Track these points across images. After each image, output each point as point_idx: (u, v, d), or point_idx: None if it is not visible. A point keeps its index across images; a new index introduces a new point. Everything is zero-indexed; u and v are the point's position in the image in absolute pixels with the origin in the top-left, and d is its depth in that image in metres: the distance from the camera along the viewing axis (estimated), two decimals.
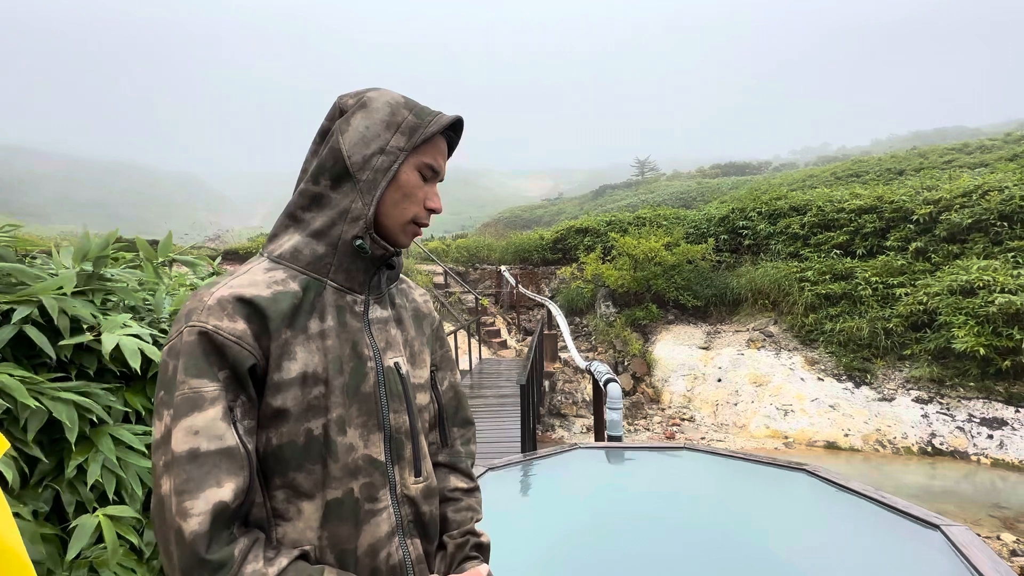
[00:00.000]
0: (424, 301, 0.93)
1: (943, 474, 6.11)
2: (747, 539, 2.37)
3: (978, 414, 6.62)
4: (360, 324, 0.77)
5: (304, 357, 0.69)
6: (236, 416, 0.65)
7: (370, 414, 0.74)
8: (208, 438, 0.61)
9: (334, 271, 0.75)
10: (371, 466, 0.73)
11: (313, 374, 0.70)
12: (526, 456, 3.19)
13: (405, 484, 0.77)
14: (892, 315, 7.81)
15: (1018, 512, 5.13)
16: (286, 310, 0.70)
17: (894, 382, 7.43)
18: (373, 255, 0.77)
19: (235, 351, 0.65)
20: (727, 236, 11.11)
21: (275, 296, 0.70)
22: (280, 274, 0.73)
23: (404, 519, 0.76)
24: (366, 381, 0.74)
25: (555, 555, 2.29)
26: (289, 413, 0.68)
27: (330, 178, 0.75)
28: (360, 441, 0.73)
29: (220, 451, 0.62)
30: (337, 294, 0.76)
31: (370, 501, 0.72)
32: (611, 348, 9.94)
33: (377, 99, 0.77)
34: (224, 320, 0.65)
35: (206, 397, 0.63)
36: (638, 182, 48.86)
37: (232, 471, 0.62)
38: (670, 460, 3.22)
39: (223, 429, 0.62)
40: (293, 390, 0.68)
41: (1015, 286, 6.86)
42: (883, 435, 6.89)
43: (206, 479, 0.60)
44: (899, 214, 9.05)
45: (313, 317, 0.72)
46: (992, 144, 19.03)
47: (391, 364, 0.78)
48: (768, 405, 7.73)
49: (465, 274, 13.57)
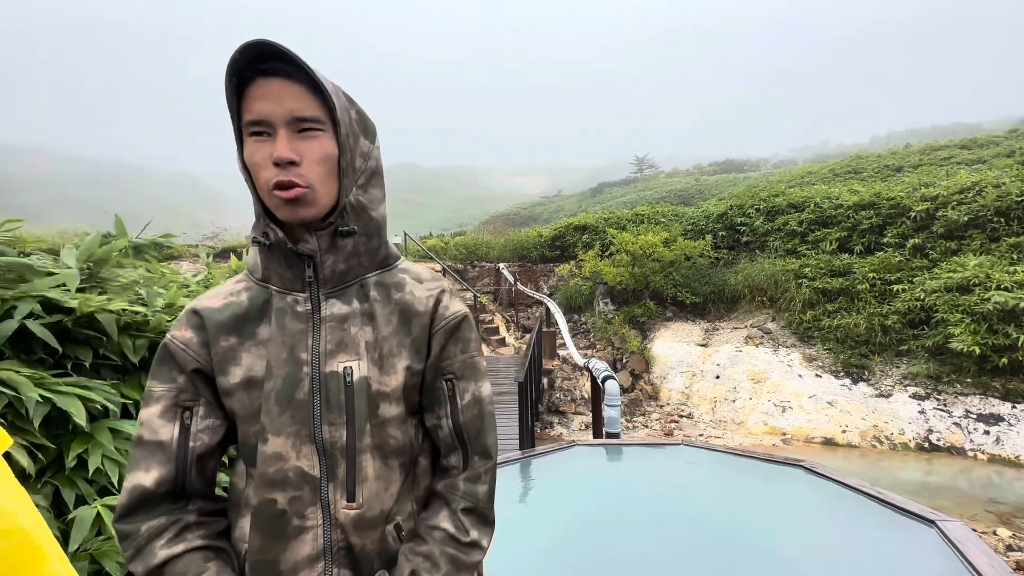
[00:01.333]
0: (428, 297, 0.78)
1: (940, 470, 6.13)
2: (744, 534, 2.39)
3: (975, 410, 6.65)
4: (303, 325, 0.71)
5: (250, 362, 0.71)
6: (196, 415, 0.72)
7: (303, 423, 0.69)
8: (149, 430, 0.70)
9: (271, 276, 0.75)
10: (301, 479, 0.68)
11: (260, 379, 0.71)
12: (524, 453, 3.20)
13: (337, 507, 0.68)
14: (889, 312, 7.83)
15: (1014, 507, 5.16)
16: (226, 319, 0.73)
17: (891, 378, 7.46)
18: (279, 246, 0.71)
19: (181, 356, 0.72)
20: (725, 233, 11.12)
21: (223, 306, 0.74)
22: (239, 285, 0.76)
23: (334, 544, 0.68)
24: (300, 388, 0.69)
25: (553, 551, 2.30)
26: (238, 416, 0.72)
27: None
28: (292, 452, 0.68)
29: (154, 442, 0.69)
30: (279, 297, 0.74)
31: (298, 517, 0.68)
32: (609, 345, 9.96)
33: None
34: (180, 330, 0.74)
35: (152, 395, 0.71)
36: (636, 179, 48.84)
37: (161, 462, 0.69)
38: (668, 457, 3.23)
39: (159, 424, 0.70)
40: (239, 394, 0.71)
41: (1011, 283, 6.88)
42: (880, 431, 6.92)
43: (139, 463, 0.69)
44: (897, 211, 9.06)
45: (263, 323, 0.73)
46: (989, 140, 19.06)
47: (337, 369, 0.70)
48: (766, 402, 7.75)
49: (464, 272, 13.57)
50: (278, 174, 0.66)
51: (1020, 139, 18.22)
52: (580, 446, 3.31)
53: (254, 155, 0.68)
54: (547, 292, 12.27)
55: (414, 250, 14.97)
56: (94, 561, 1.12)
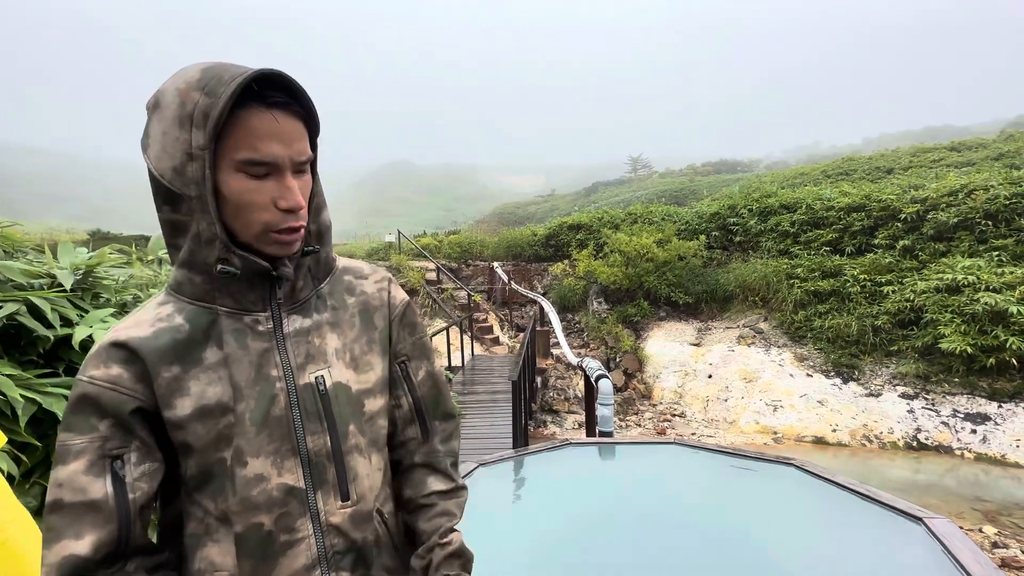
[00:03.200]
0: (379, 290, 0.81)
1: (927, 468, 6.21)
2: (736, 532, 2.40)
3: (962, 409, 6.74)
4: (267, 343, 0.69)
5: (200, 390, 0.66)
6: (128, 462, 0.63)
7: (283, 439, 0.68)
8: (71, 490, 0.61)
9: (219, 297, 0.68)
10: (287, 495, 0.67)
11: (217, 405, 0.66)
12: (517, 452, 3.21)
13: (329, 511, 0.69)
14: (880, 312, 7.92)
15: (1000, 505, 5.24)
16: (165, 346, 0.66)
17: (881, 378, 7.54)
18: (252, 272, 0.67)
19: (110, 397, 0.63)
20: (718, 233, 11.18)
21: (155, 334, 0.66)
22: (168, 308, 0.68)
23: (329, 550, 0.69)
24: (275, 404, 0.68)
25: (546, 550, 2.31)
26: (193, 448, 0.65)
27: (165, 202, 0.65)
28: (273, 469, 0.67)
29: (83, 504, 0.60)
30: (231, 318, 0.68)
31: (287, 532, 0.67)
32: (603, 344, 9.99)
33: (167, 89, 0.62)
34: (100, 368, 0.64)
35: (70, 450, 0.62)
36: (631, 179, 49.01)
37: (96, 523, 0.60)
38: (660, 455, 3.25)
39: (85, 482, 0.61)
40: (192, 425, 0.65)
41: (999, 284, 6.97)
42: (870, 430, 6.99)
43: (64, 531, 0.60)
44: (887, 212, 9.16)
45: (209, 347, 0.67)
46: (978, 143, 19.29)
47: (310, 380, 0.70)
48: (757, 401, 7.81)
49: (458, 270, 13.55)
50: (286, 220, 0.66)
51: (1008, 142, 18.46)
52: (573, 445, 3.32)
53: (251, 194, 0.63)
54: (541, 291, 12.28)
55: (407, 248, 14.93)
56: None
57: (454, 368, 8.20)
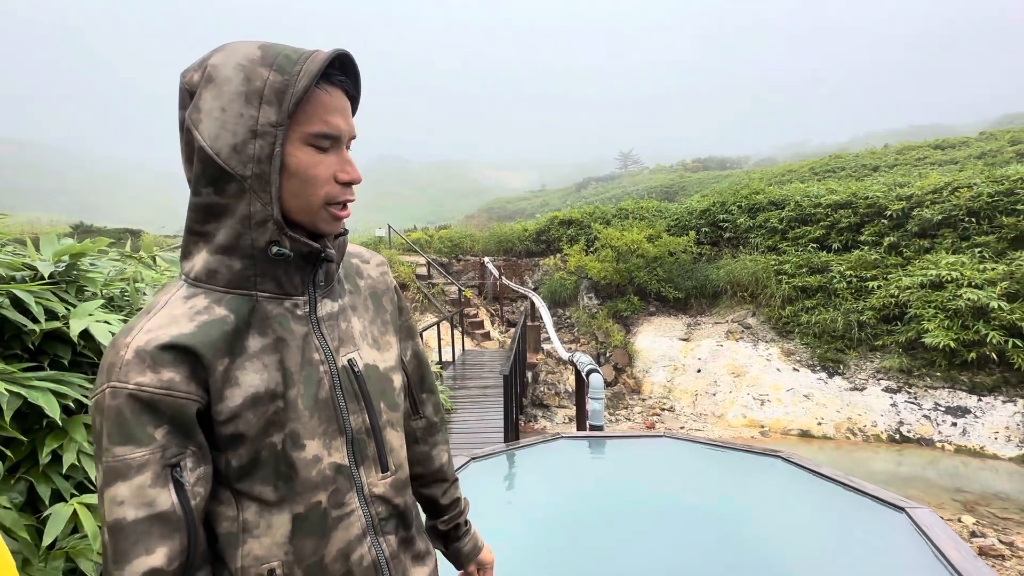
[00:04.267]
0: (382, 273, 0.85)
1: (910, 460, 6.34)
2: (725, 524, 2.44)
3: (943, 403, 6.88)
4: (306, 328, 0.70)
5: (249, 380, 0.65)
6: (185, 469, 0.62)
7: (330, 420, 0.70)
8: (135, 506, 0.59)
9: (260, 283, 0.67)
10: (337, 473, 0.70)
11: (267, 392, 0.66)
12: (509, 446, 3.22)
13: (372, 483, 0.74)
14: (865, 308, 8.04)
15: (978, 496, 5.37)
16: (217, 339, 0.64)
17: (865, 372, 7.67)
18: (300, 254, 0.67)
19: (168, 404, 0.61)
20: (708, 229, 11.27)
21: (201, 328, 0.63)
22: (201, 300, 0.65)
23: (375, 518, 0.74)
24: (321, 387, 0.70)
25: (537, 542, 2.32)
26: (244, 436, 0.65)
27: (210, 183, 0.63)
28: (324, 450, 0.69)
29: (150, 517, 0.59)
30: (272, 303, 0.68)
31: (337, 508, 0.70)
32: (593, 339, 10.04)
33: (223, 64, 0.61)
34: (147, 374, 0.60)
35: (132, 465, 0.59)
36: (621, 175, 49.14)
37: (165, 535, 0.60)
38: (650, 448, 3.28)
39: (153, 495, 0.59)
40: (244, 414, 0.64)
41: (981, 280, 7.11)
42: (854, 423, 7.12)
43: (134, 548, 0.58)
44: (873, 209, 9.29)
45: (251, 335, 0.66)
46: (961, 142, 19.61)
47: (344, 363, 0.73)
48: (745, 395, 7.91)
49: (448, 265, 13.52)
50: (344, 193, 0.68)
51: (990, 141, 18.77)
52: (564, 439, 3.34)
53: (316, 168, 0.65)
54: (532, 286, 12.30)
55: (398, 243, 14.85)
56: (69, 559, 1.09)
57: (445, 363, 8.19)
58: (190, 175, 0.65)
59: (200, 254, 0.66)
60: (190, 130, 0.62)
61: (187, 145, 0.63)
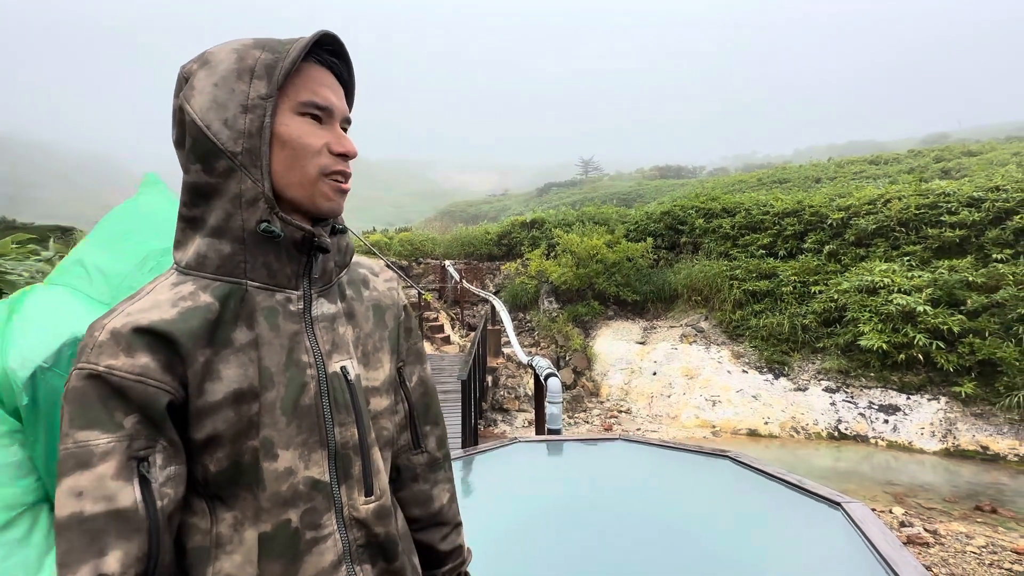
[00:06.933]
0: (389, 289, 0.81)
1: (847, 456, 6.74)
2: (675, 523, 2.51)
3: (876, 401, 7.35)
4: (298, 325, 0.66)
5: (231, 374, 0.60)
6: (153, 465, 0.56)
7: (311, 430, 0.64)
8: (94, 499, 0.52)
9: (250, 269, 0.63)
10: (313, 489, 0.64)
11: (249, 389, 0.61)
12: (467, 451, 3.20)
13: (354, 506, 0.67)
14: (808, 312, 8.50)
15: (907, 488, 5.77)
16: (198, 328, 0.60)
17: (808, 373, 8.10)
18: (292, 239, 0.65)
19: (139, 391, 0.55)
20: (665, 234, 11.62)
21: (183, 315, 0.59)
22: (188, 287, 0.62)
23: (352, 544, 0.67)
24: (305, 392, 0.64)
25: (495, 548, 2.31)
26: (223, 437, 0.60)
27: (199, 160, 0.61)
28: (300, 462, 0.63)
29: (108, 513, 0.52)
30: (264, 294, 0.64)
31: (312, 528, 0.64)
32: (553, 343, 10.14)
33: (219, 51, 0.63)
34: (120, 357, 0.55)
35: (94, 452, 0.53)
36: (582, 181, 50.00)
37: (123, 535, 0.53)
38: (605, 451, 3.33)
39: (115, 488, 0.53)
40: (224, 411, 0.60)
41: (910, 287, 7.66)
42: (797, 422, 7.49)
43: (87, 549, 0.51)
44: (816, 219, 9.84)
45: (239, 327, 0.62)
46: (893, 158, 21.13)
47: (337, 369, 0.68)
48: (698, 396, 8.19)
49: (408, 268, 13.33)
50: (338, 163, 0.66)
51: (918, 157, 20.32)
52: (521, 443, 3.35)
53: (308, 137, 0.64)
54: (493, 290, 12.30)
55: (356, 246, 14.50)
56: None
57: None
58: (183, 159, 0.64)
59: (190, 240, 0.64)
60: (182, 108, 0.62)
61: (179, 126, 0.63)
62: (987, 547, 4.38)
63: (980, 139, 28.96)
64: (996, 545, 4.42)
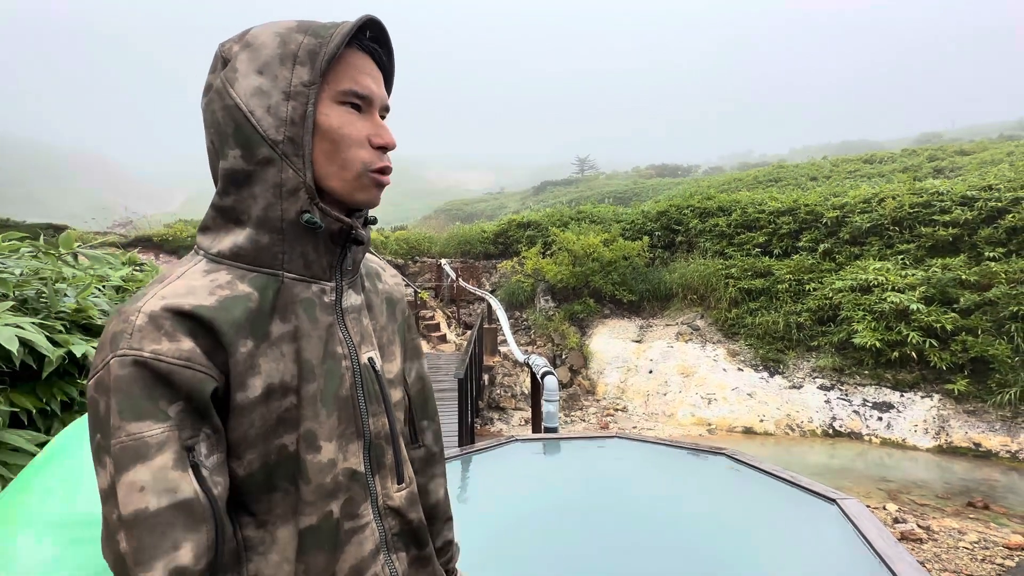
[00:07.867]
0: (396, 284, 0.82)
1: (841, 453, 6.78)
2: (672, 521, 2.52)
3: (871, 399, 7.40)
4: (332, 317, 0.65)
5: (269, 368, 0.59)
6: (199, 455, 0.54)
7: (348, 421, 0.65)
8: (157, 493, 0.51)
9: (288, 260, 0.62)
10: (351, 480, 0.64)
11: (281, 385, 0.59)
12: (463, 450, 3.19)
13: (388, 494, 0.69)
14: (803, 310, 8.54)
15: (900, 484, 5.81)
16: (240, 317, 0.57)
17: (802, 371, 8.14)
18: (330, 231, 0.63)
19: (187, 377, 0.53)
20: (661, 233, 11.65)
21: (222, 303, 0.57)
22: (223, 276, 0.60)
23: (388, 532, 0.68)
24: (342, 384, 0.64)
25: (493, 547, 2.31)
26: (256, 435, 0.58)
27: (239, 146, 0.59)
28: (339, 454, 0.63)
29: (174, 506, 0.51)
30: (301, 285, 0.63)
31: (350, 519, 0.64)
32: (549, 342, 10.15)
33: (261, 33, 0.61)
34: (163, 341, 0.53)
35: (150, 444, 0.51)
36: (578, 179, 50.03)
37: (191, 527, 0.52)
38: (602, 449, 3.34)
39: (175, 479, 0.52)
40: (260, 408, 0.58)
41: (903, 285, 7.72)
42: (792, 420, 7.54)
43: (160, 544, 0.50)
44: (811, 217, 9.89)
45: (274, 319, 0.61)
46: (887, 157, 21.25)
47: (366, 360, 0.68)
48: (694, 395, 8.22)
49: (404, 267, 13.31)
50: (380, 158, 0.64)
51: (911, 157, 20.45)
52: (518, 441, 3.35)
53: (350, 127, 0.62)
54: (489, 288, 12.29)
55: None
56: None
57: None
58: (213, 140, 0.62)
59: (225, 229, 0.62)
60: (222, 90, 0.60)
61: (209, 106, 0.61)
62: (979, 543, 4.42)
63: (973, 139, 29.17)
64: (988, 541, 4.46)
